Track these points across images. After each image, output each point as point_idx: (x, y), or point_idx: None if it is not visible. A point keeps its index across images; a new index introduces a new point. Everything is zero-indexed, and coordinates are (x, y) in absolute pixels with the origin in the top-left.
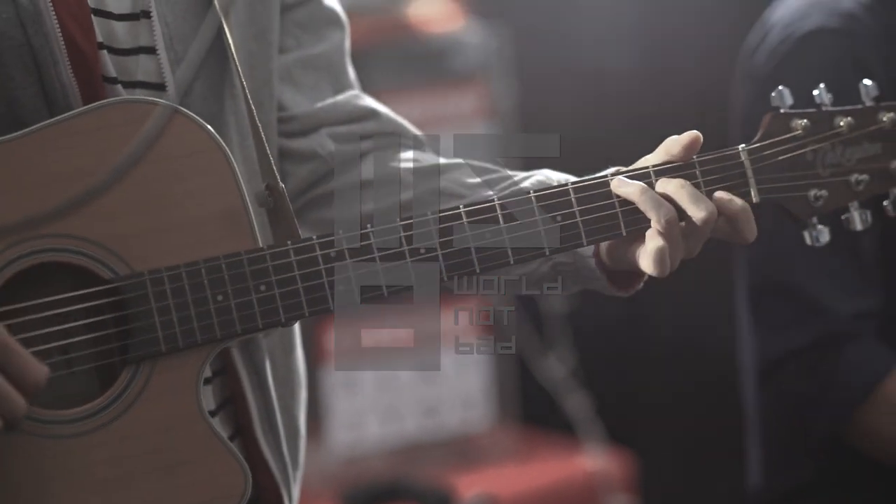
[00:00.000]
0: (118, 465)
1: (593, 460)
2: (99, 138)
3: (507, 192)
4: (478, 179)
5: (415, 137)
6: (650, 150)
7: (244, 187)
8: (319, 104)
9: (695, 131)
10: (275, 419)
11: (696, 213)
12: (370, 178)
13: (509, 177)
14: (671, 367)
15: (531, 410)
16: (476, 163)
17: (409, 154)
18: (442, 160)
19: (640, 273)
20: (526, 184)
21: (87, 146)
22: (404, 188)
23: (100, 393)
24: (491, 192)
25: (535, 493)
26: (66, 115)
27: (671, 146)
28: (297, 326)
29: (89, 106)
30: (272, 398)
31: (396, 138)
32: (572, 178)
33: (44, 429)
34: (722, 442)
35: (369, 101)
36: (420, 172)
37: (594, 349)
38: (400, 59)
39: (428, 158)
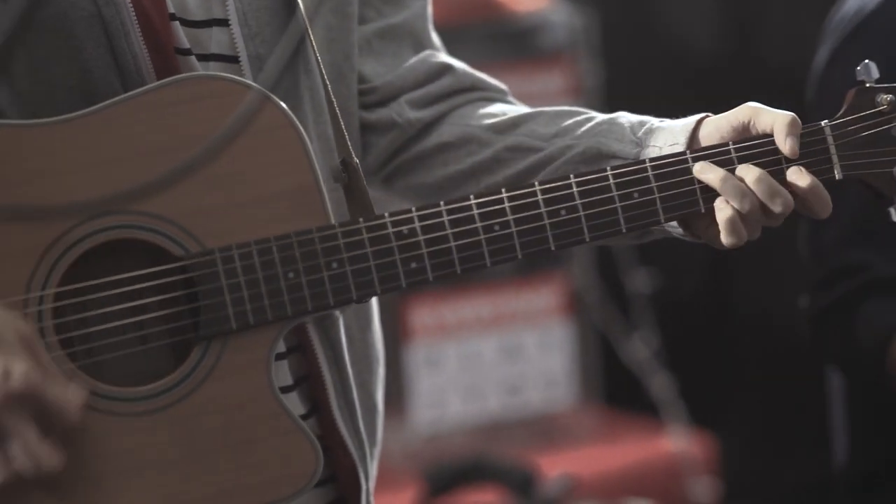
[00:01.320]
0: (188, 442)
1: (676, 442)
2: (178, 114)
3: (583, 146)
4: (554, 129)
5: (495, 88)
6: None
7: (317, 164)
8: (396, 72)
9: (792, 115)
10: (351, 396)
11: (774, 206)
12: (450, 139)
13: (585, 121)
14: (755, 349)
15: (614, 391)
16: (552, 110)
17: (487, 109)
18: (519, 110)
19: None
20: (598, 134)
21: (167, 121)
22: (484, 147)
23: (175, 370)
24: (568, 142)
25: (618, 475)
26: (144, 88)
27: (780, 128)
28: (374, 302)
29: (169, 79)
30: (348, 374)
31: (476, 93)
32: (648, 122)
33: (114, 406)
34: (806, 423)
35: (444, 58)
36: (497, 129)
37: (678, 330)
38: (487, 37)
39: (506, 111)
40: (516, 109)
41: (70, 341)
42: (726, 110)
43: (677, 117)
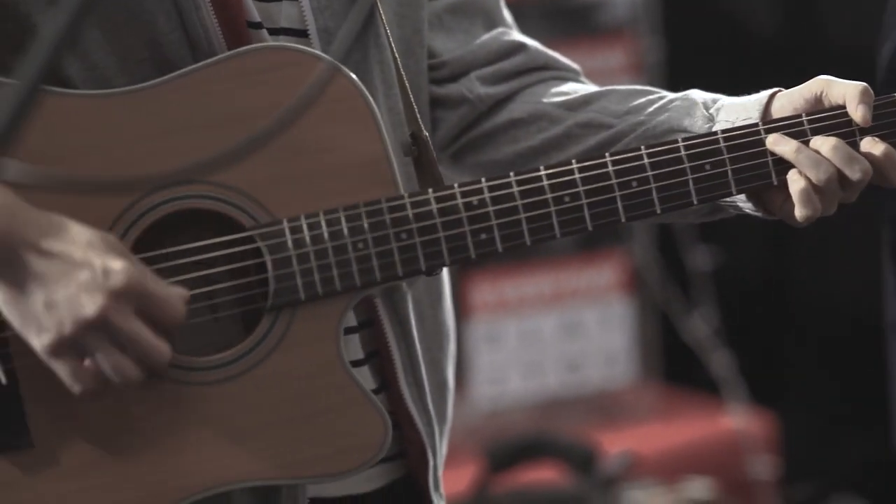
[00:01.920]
0: (257, 412)
1: (736, 420)
2: (249, 84)
3: (655, 121)
4: (627, 106)
5: (566, 68)
6: None
7: (387, 136)
8: (467, 47)
9: (864, 85)
10: (419, 373)
11: (852, 173)
12: (521, 116)
13: (657, 99)
14: (815, 327)
15: (674, 368)
16: (624, 88)
17: (558, 87)
18: (590, 88)
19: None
20: (672, 110)
21: (234, 92)
22: (554, 123)
23: (244, 340)
24: (640, 119)
25: (677, 452)
26: (215, 58)
27: (853, 97)
28: (445, 277)
29: (239, 50)
30: (417, 351)
31: (548, 71)
32: (721, 100)
33: (186, 375)
34: (866, 401)
35: (517, 36)
36: (568, 106)
37: (738, 307)
38: (547, 13)
39: (577, 89)
40: (588, 88)
41: None
42: (788, 87)
43: (739, 94)
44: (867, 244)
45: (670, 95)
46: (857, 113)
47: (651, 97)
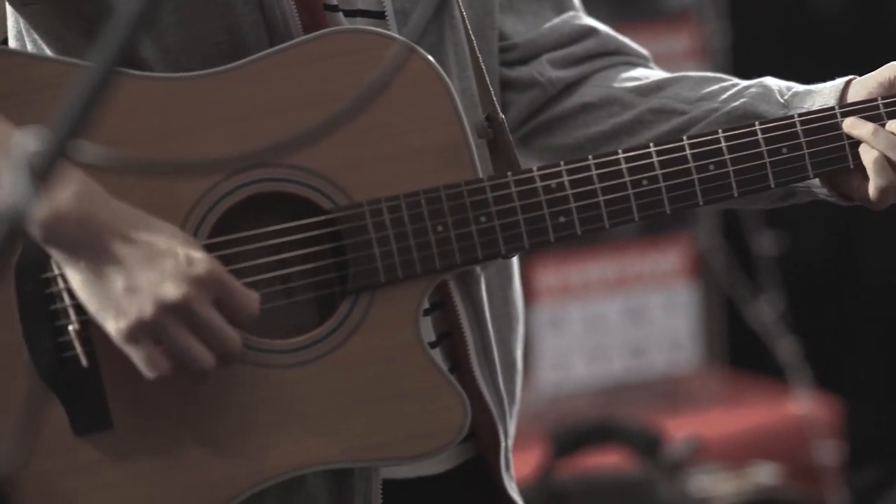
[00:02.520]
0: (335, 396)
1: (802, 405)
2: (325, 67)
3: (730, 107)
4: (700, 92)
5: (637, 54)
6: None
7: (465, 119)
8: (538, 30)
9: None
10: (491, 353)
11: None
12: (592, 100)
13: (731, 86)
14: (881, 311)
15: (739, 354)
16: (696, 74)
17: (629, 73)
18: (662, 74)
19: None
20: (747, 96)
21: (311, 75)
22: (626, 108)
23: (318, 324)
24: (713, 106)
25: (743, 437)
26: (292, 42)
27: None
28: (515, 259)
29: (316, 33)
30: (489, 332)
31: (619, 56)
32: (795, 87)
33: (262, 358)
34: None
35: (588, 20)
36: (640, 91)
37: (804, 292)
38: None
39: (648, 75)
40: (659, 74)
41: None
42: (854, 70)
43: (805, 78)
44: None
45: (744, 83)
46: None
47: (724, 84)
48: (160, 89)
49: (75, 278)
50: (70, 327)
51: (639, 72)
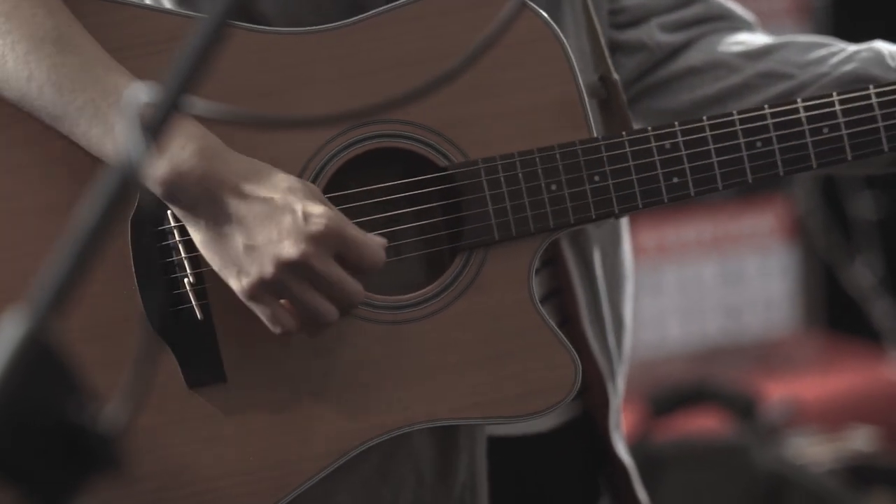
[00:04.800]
0: (449, 351)
1: None
2: (439, 24)
3: (840, 71)
4: (809, 57)
5: (742, 20)
6: None
7: (580, 79)
8: None
9: None
10: (601, 309)
11: None
12: (698, 64)
13: (839, 51)
14: None
15: (836, 317)
16: (804, 38)
17: (736, 37)
18: (769, 39)
19: None
20: (857, 60)
21: (426, 31)
22: (733, 72)
23: (426, 282)
24: (824, 70)
25: (839, 401)
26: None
27: None
28: (625, 220)
29: None
30: (599, 289)
31: (725, 22)
32: None
33: (377, 314)
34: None
35: None
36: (748, 55)
37: None
38: None
39: (756, 40)
40: (766, 38)
41: None
42: None
43: None
44: None
45: (854, 47)
46: None
47: (833, 48)
48: (274, 43)
49: (197, 236)
50: (185, 280)
51: (745, 36)
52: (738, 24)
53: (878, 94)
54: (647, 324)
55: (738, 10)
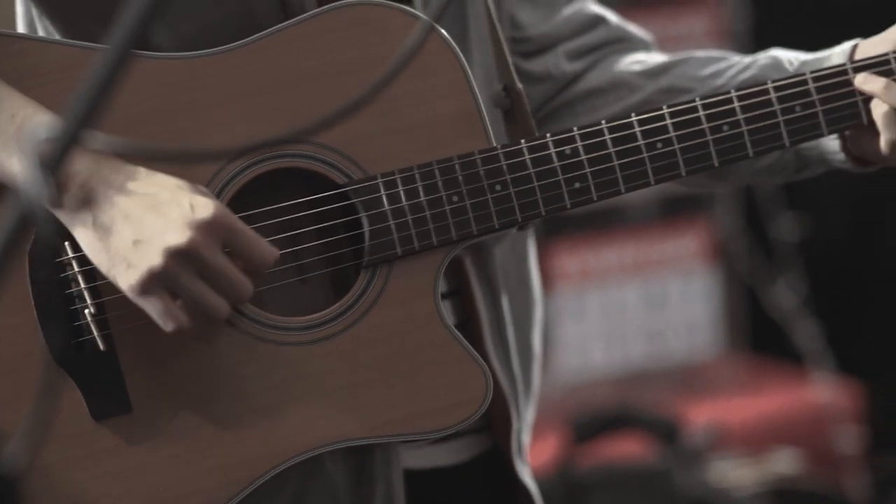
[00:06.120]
0: (355, 371)
1: (822, 390)
2: (334, 41)
3: (739, 80)
4: (707, 71)
5: (640, 40)
6: None
7: (476, 87)
8: (552, 21)
9: None
10: (505, 333)
11: None
12: (600, 85)
13: (738, 63)
14: None
15: (759, 339)
16: (702, 54)
17: (635, 57)
18: (669, 57)
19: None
20: (755, 68)
21: (322, 49)
22: (635, 91)
23: (333, 300)
24: (722, 82)
25: (762, 423)
26: (302, 16)
27: None
28: (531, 241)
29: (323, 8)
30: (504, 311)
31: (624, 43)
32: (802, 56)
33: (280, 336)
34: None
35: (596, 8)
36: (648, 73)
37: (825, 277)
38: None
39: (655, 58)
40: (664, 57)
41: None
42: None
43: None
44: None
45: (752, 56)
46: None
47: (731, 61)
48: (172, 69)
49: (84, 239)
50: (86, 311)
51: (644, 56)
52: (636, 45)
53: (776, 89)
54: (571, 349)
55: (636, 31)
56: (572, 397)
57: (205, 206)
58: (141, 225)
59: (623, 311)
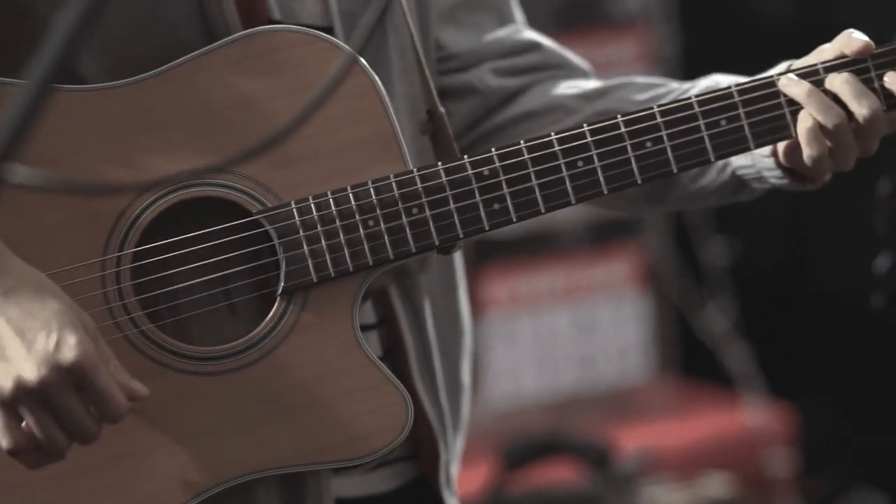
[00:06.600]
0: (275, 399)
1: (754, 414)
2: (249, 68)
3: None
4: (646, 95)
5: (579, 68)
6: None
7: (394, 113)
8: (479, 41)
9: (867, 39)
10: (433, 364)
11: (859, 109)
12: (535, 108)
13: (677, 88)
14: (833, 319)
15: (690, 363)
16: (642, 80)
17: (573, 82)
18: (607, 83)
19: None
20: (693, 92)
21: (237, 77)
22: (571, 114)
23: (252, 330)
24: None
25: (694, 447)
26: (218, 42)
27: (847, 41)
28: (460, 269)
29: (236, 35)
30: (430, 342)
31: (561, 70)
32: (743, 80)
33: (201, 366)
34: (886, 395)
35: (532, 35)
36: (585, 97)
37: (755, 301)
38: (560, 3)
39: (593, 84)
40: (602, 83)
41: (156, 302)
42: None
43: None
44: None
45: (691, 82)
46: (854, 43)
47: (671, 87)
48: (89, 100)
49: None
50: None
51: (581, 81)
52: (574, 72)
53: (701, 103)
54: (502, 375)
55: (575, 59)
56: (504, 424)
57: (70, 349)
58: (5, 345)
59: (554, 337)
